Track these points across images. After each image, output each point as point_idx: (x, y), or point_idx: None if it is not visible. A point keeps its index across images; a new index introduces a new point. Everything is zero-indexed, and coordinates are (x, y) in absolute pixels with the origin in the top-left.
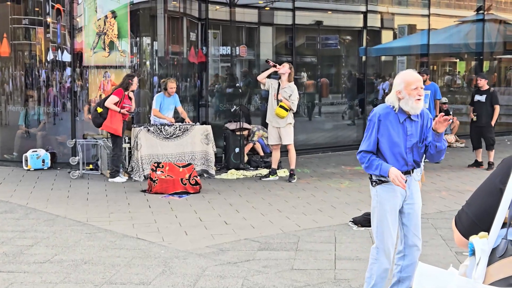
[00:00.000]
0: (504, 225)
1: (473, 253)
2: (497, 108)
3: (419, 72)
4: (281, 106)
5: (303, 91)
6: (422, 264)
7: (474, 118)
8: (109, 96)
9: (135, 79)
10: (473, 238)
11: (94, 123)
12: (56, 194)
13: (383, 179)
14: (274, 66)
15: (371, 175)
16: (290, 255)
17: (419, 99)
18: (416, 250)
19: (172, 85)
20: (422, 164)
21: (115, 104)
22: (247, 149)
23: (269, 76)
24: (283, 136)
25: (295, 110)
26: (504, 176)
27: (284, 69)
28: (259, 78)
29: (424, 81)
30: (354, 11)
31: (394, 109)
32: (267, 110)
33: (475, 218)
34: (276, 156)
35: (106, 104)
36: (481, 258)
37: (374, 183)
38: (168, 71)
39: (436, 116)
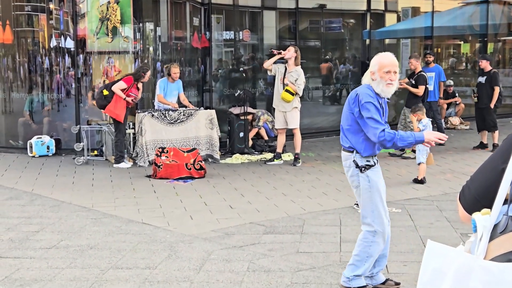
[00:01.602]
0: (506, 201)
1: (476, 229)
2: (497, 90)
3: (426, 54)
4: (287, 90)
5: (322, 74)
6: (432, 241)
7: (475, 100)
8: (118, 80)
9: (148, 73)
10: (475, 215)
11: (97, 104)
12: (61, 180)
13: (370, 163)
14: (279, 53)
15: (355, 161)
16: (295, 238)
17: (390, 84)
18: (388, 225)
19: (175, 70)
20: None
21: (122, 90)
22: (252, 134)
23: (275, 62)
24: (289, 120)
25: (301, 94)
26: (506, 154)
27: (290, 53)
28: (265, 65)
29: (429, 63)
30: None
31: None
32: (273, 94)
33: (477, 195)
34: (281, 140)
35: (113, 88)
36: (483, 234)
37: (363, 168)
38: (172, 57)
39: (441, 97)
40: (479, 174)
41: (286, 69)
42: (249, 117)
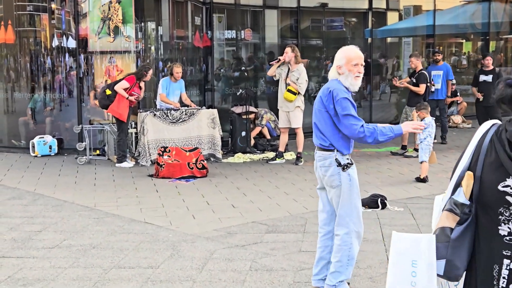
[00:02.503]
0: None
1: None
2: None
3: (435, 52)
4: (289, 90)
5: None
6: (396, 233)
7: (481, 98)
8: (120, 80)
9: (150, 72)
10: (436, 196)
11: (100, 103)
12: (64, 179)
13: (349, 161)
14: (278, 60)
15: (337, 159)
16: (297, 237)
17: (358, 76)
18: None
19: (178, 69)
20: (431, 145)
21: (125, 90)
22: (255, 132)
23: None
24: (292, 119)
25: (303, 93)
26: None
27: (288, 55)
28: (269, 73)
29: (438, 61)
30: None
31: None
32: (274, 93)
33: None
34: (284, 139)
35: (116, 88)
36: (439, 213)
37: (345, 167)
38: (173, 56)
39: (448, 96)
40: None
41: (289, 68)
42: (252, 116)
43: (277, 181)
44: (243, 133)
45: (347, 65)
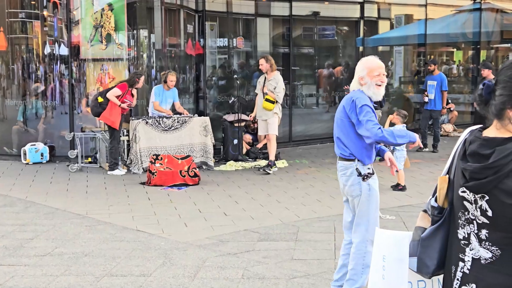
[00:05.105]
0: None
1: None
2: None
3: (426, 63)
4: (267, 100)
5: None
6: (378, 228)
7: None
8: (112, 87)
9: (142, 78)
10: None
11: (92, 111)
12: (55, 187)
13: (370, 171)
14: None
15: (357, 169)
16: (289, 245)
17: (380, 85)
18: None
19: (172, 78)
20: (405, 150)
21: (117, 97)
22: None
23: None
24: (269, 125)
25: (281, 101)
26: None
27: (264, 66)
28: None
29: (432, 71)
30: (351, 2)
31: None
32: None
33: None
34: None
35: (108, 95)
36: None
37: (365, 177)
38: (166, 64)
39: (443, 107)
40: None
41: (265, 78)
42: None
43: (269, 189)
44: (235, 141)
45: (369, 75)
